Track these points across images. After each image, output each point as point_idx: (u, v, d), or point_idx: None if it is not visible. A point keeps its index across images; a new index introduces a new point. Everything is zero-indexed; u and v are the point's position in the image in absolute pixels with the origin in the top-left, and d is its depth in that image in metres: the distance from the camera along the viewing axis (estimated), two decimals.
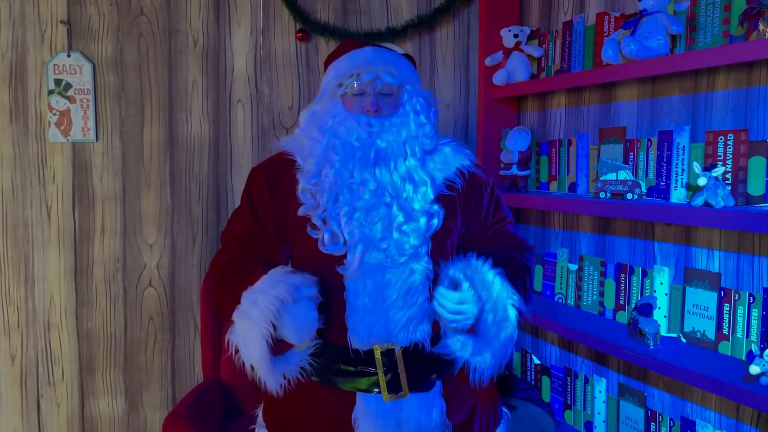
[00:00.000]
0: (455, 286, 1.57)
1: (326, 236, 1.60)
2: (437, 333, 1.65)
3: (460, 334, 1.61)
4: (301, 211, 1.64)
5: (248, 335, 1.55)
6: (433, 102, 1.74)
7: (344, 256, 1.60)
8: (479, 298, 1.54)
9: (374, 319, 1.61)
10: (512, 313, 1.57)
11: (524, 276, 1.71)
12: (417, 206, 1.61)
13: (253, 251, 1.72)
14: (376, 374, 1.63)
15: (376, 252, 1.60)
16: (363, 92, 1.65)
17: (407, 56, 1.76)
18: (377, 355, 1.62)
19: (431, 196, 1.64)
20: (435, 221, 1.63)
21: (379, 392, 1.64)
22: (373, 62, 1.65)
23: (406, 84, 1.68)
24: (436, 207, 1.64)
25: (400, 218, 1.60)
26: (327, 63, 1.76)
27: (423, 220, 1.61)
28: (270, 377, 1.60)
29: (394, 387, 1.63)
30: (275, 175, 1.73)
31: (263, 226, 1.72)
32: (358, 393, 1.65)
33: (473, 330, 1.59)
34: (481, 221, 1.76)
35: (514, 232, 1.80)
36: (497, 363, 1.60)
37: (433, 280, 1.63)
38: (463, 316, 1.54)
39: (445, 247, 1.69)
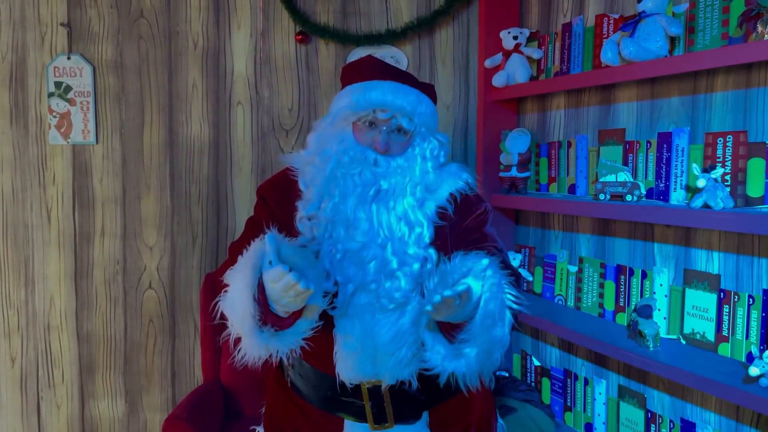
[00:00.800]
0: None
1: None
2: (425, 369, 1.61)
3: (439, 344, 1.52)
4: (296, 243, 1.61)
5: (235, 295, 1.45)
6: (444, 142, 1.70)
7: (335, 294, 1.57)
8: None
9: (362, 359, 1.60)
10: (508, 314, 1.50)
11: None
12: (411, 251, 1.58)
13: None
14: (363, 405, 1.65)
15: (365, 293, 1.57)
16: (375, 123, 1.62)
17: (427, 86, 1.71)
18: (363, 389, 1.64)
19: (426, 239, 1.60)
20: (429, 266, 1.59)
21: (366, 422, 1.66)
22: (392, 105, 1.60)
23: (421, 127, 1.64)
24: (431, 251, 1.60)
25: (394, 264, 1.57)
26: (345, 77, 1.72)
27: (416, 266, 1.58)
28: (253, 343, 1.48)
29: (379, 418, 1.65)
30: (280, 196, 1.71)
31: None
32: (345, 420, 1.68)
33: (457, 330, 1.49)
34: (458, 237, 1.67)
35: (501, 257, 1.64)
36: (481, 365, 1.50)
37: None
38: (466, 297, 1.38)
39: None
